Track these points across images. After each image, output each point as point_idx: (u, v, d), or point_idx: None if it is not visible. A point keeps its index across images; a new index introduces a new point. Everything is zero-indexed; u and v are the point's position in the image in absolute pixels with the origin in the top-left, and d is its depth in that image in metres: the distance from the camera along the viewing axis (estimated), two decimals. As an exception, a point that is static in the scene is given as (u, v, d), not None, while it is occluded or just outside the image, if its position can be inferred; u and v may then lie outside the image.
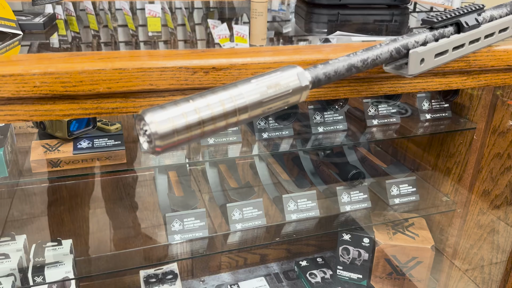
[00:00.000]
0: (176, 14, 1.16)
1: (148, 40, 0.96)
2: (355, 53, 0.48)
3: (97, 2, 1.15)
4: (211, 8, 1.28)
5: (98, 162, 0.77)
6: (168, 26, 1.05)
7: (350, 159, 1.15)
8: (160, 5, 1.08)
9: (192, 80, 0.52)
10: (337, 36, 0.86)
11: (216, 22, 1.07)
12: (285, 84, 0.41)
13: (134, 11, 1.14)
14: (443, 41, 0.53)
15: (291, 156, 1.24)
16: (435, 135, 1.10)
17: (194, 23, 1.14)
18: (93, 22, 1.01)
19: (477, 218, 1.01)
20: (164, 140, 0.35)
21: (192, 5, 1.28)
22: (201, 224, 0.93)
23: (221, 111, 0.37)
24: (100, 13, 1.09)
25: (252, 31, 0.96)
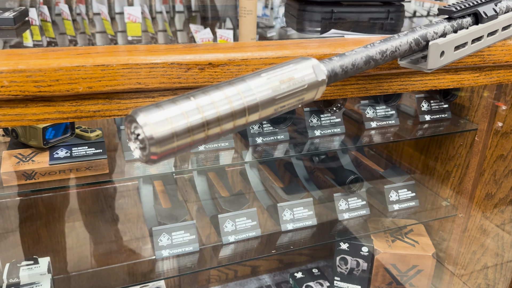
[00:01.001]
0: (156, 19, 1.10)
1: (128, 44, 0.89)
2: (372, 44, 0.42)
3: (74, 6, 1.08)
4: (193, 12, 1.22)
5: (78, 173, 0.70)
6: (148, 31, 0.99)
7: (345, 164, 1.10)
8: (140, 8, 1.01)
9: (185, 77, 0.45)
10: (332, 34, 0.81)
11: (199, 27, 1.01)
12: (300, 79, 0.35)
13: (113, 15, 1.08)
14: (462, 33, 0.49)
15: (283, 161, 1.18)
16: (433, 137, 1.06)
17: (176, 29, 1.08)
18: (69, 27, 0.94)
19: (480, 223, 0.97)
20: (161, 146, 0.28)
21: (173, 9, 1.22)
22: (191, 237, 0.86)
23: (228, 110, 0.31)
24: (77, 18, 1.03)
25: (241, 31, 0.90)
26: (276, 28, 0.99)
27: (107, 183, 1.12)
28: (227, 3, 1.30)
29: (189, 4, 1.31)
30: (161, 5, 1.23)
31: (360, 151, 1.19)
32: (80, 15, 1.05)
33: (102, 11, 1.02)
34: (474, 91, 0.95)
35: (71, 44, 0.86)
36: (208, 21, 1.13)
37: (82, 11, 1.07)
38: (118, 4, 1.17)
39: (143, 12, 1.02)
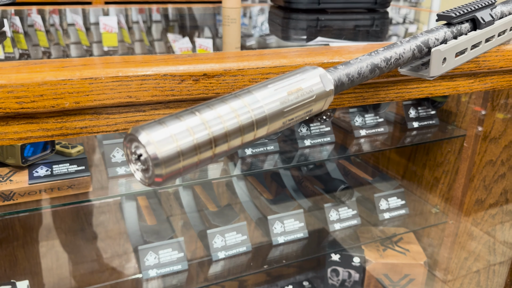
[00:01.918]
0: (133, 29, 1.07)
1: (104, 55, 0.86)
2: (376, 51, 0.41)
3: (48, 17, 1.05)
4: (171, 22, 1.20)
5: (60, 192, 0.65)
6: (125, 41, 0.96)
7: (334, 173, 1.09)
8: (116, 18, 0.98)
9: (179, 90, 0.43)
10: (319, 42, 0.79)
11: (177, 36, 0.99)
12: (308, 89, 0.33)
13: (88, 25, 1.05)
14: (462, 39, 0.47)
15: (271, 172, 1.16)
16: (420, 144, 1.06)
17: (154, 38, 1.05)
18: (43, 39, 0.91)
19: (470, 230, 0.97)
20: (166, 166, 0.25)
21: (150, 18, 1.20)
22: (180, 255, 0.83)
23: (236, 125, 0.29)
24: (50, 29, 0.99)
25: (225, 39, 0.88)
26: (260, 37, 0.98)
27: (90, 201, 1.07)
28: (205, 12, 1.28)
29: (166, 13, 1.28)
30: (137, 14, 1.20)
31: (347, 160, 1.17)
32: (53, 26, 1.01)
33: (76, 21, 0.99)
34: (461, 97, 0.95)
35: (45, 56, 0.82)
36: (186, 30, 1.11)
37: (55, 21, 1.03)
38: (93, 14, 1.13)
39: (119, 22, 0.99)
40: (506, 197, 0.87)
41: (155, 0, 1.85)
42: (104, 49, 0.91)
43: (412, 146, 1.08)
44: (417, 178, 1.08)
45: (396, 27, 0.92)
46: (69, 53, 0.87)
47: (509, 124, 0.85)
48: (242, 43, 0.88)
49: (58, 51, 0.86)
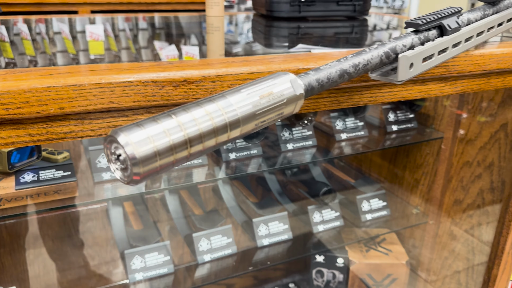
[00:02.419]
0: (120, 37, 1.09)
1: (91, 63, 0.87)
2: (345, 58, 0.43)
3: (34, 26, 1.06)
4: (157, 30, 1.22)
5: (46, 197, 0.67)
6: (111, 49, 0.97)
7: (318, 176, 1.11)
8: (103, 26, 1.00)
9: (160, 95, 0.45)
10: (300, 49, 0.82)
11: (163, 44, 1.01)
12: (279, 93, 0.35)
13: (74, 34, 1.06)
14: (429, 45, 0.50)
15: (256, 176, 1.18)
16: (400, 147, 1.09)
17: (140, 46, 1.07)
18: (29, 47, 0.92)
19: (450, 229, 1.00)
20: (144, 165, 0.27)
21: (136, 26, 1.21)
22: (166, 259, 0.84)
23: (210, 127, 0.31)
24: (37, 38, 1.00)
25: (209, 47, 0.90)
26: (243, 44, 1.00)
27: (77, 206, 1.08)
28: (191, 20, 1.30)
29: (152, 21, 1.30)
30: (124, 22, 1.21)
31: (331, 163, 1.20)
32: (40, 35, 1.02)
33: (63, 30, 1.00)
34: (438, 101, 0.98)
35: (32, 64, 0.84)
36: (172, 38, 1.13)
37: (42, 30, 1.05)
38: (80, 23, 1.15)
39: (106, 30, 1.01)
40: (482, 196, 0.91)
41: (140, 8, 1.87)
42: (90, 57, 0.93)
43: (392, 149, 1.11)
44: (399, 180, 1.11)
45: (373, 34, 0.95)
46: (55, 61, 0.88)
47: (484, 127, 0.89)
48: (226, 50, 0.90)
49: (45, 59, 0.88)
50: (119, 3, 1.79)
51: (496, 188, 0.87)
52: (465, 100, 0.91)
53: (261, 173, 1.15)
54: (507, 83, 0.69)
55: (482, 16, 0.61)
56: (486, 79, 0.67)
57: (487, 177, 0.89)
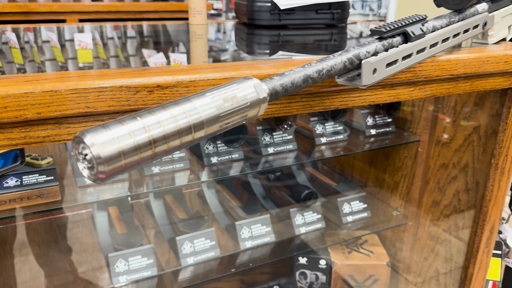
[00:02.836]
0: (108, 45, 1.11)
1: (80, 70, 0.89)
2: (310, 64, 0.46)
3: (22, 34, 1.07)
4: (145, 38, 1.24)
5: (29, 201, 0.68)
6: (100, 57, 0.99)
7: (301, 180, 1.13)
8: (91, 34, 1.02)
9: (134, 100, 0.47)
10: (280, 56, 0.85)
11: (152, 52, 1.03)
12: (242, 97, 0.38)
13: (63, 42, 1.08)
14: (393, 51, 0.53)
15: (241, 180, 1.20)
16: (380, 150, 1.11)
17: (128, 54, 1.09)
18: (17, 56, 0.93)
19: (429, 230, 1.02)
20: (108, 164, 0.29)
21: (125, 34, 1.23)
22: (149, 262, 0.85)
23: (175, 128, 0.33)
24: (25, 46, 1.01)
25: (193, 54, 0.93)
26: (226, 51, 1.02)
27: (61, 212, 1.09)
28: (179, 28, 1.32)
29: (141, 29, 1.32)
30: (112, 31, 1.23)
31: (314, 167, 1.22)
32: (28, 43, 1.04)
33: (51, 38, 1.02)
34: (415, 105, 1.01)
35: (20, 72, 0.85)
36: (160, 45, 1.15)
37: (30, 39, 1.06)
38: (68, 31, 1.16)
39: (94, 39, 1.03)
40: (458, 197, 0.93)
41: (128, 17, 1.89)
42: (79, 65, 0.94)
43: (373, 152, 1.14)
44: (379, 182, 1.14)
45: (351, 41, 0.98)
46: (44, 69, 0.90)
47: (458, 130, 0.92)
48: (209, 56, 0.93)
49: (33, 67, 0.89)
50: (107, 11, 1.81)
51: (470, 189, 0.90)
52: (440, 103, 0.94)
53: (245, 177, 1.17)
54: (475, 87, 0.72)
55: (448, 23, 0.64)
56: (455, 83, 0.70)
57: (462, 178, 0.92)
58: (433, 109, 0.96)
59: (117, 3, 1.85)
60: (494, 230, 0.88)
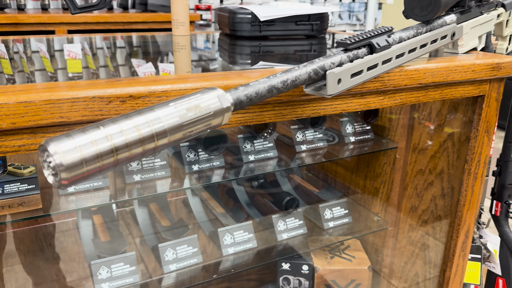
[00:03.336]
0: (97, 55, 1.12)
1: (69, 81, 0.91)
2: (275, 75, 0.48)
3: (11, 45, 1.09)
4: (134, 47, 1.26)
5: (10, 210, 0.70)
6: (89, 67, 1.01)
7: (284, 187, 1.15)
8: (80, 45, 1.03)
9: (107, 110, 0.49)
10: (261, 66, 0.87)
11: (141, 61, 1.04)
12: (206, 107, 0.40)
13: (52, 53, 1.09)
14: (358, 62, 0.55)
15: (225, 188, 1.22)
16: (361, 157, 1.14)
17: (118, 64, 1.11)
18: (7, 66, 0.95)
19: (408, 235, 1.04)
20: (71, 171, 0.31)
21: (114, 45, 1.25)
22: (131, 269, 0.87)
23: (137, 137, 0.35)
24: (14, 57, 1.03)
25: (176, 64, 0.95)
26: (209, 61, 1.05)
27: (46, 221, 1.10)
28: (167, 39, 1.34)
29: (130, 40, 1.34)
30: (102, 41, 1.25)
31: (298, 174, 1.24)
32: (18, 53, 1.05)
33: (40, 49, 1.03)
34: (393, 113, 1.04)
35: (9, 82, 0.87)
36: (150, 55, 1.17)
37: (20, 49, 1.07)
38: (58, 42, 1.18)
39: (83, 49, 1.04)
40: (435, 202, 0.96)
41: (117, 28, 1.91)
42: (69, 75, 0.96)
43: (354, 159, 1.16)
44: (361, 188, 1.16)
45: (330, 51, 1.01)
46: (33, 79, 0.91)
47: (433, 136, 0.94)
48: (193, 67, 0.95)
49: (23, 78, 0.91)
50: (96, 22, 1.84)
51: (446, 194, 0.93)
52: (415, 111, 0.97)
53: (230, 185, 1.19)
54: (445, 95, 0.75)
55: (415, 34, 0.66)
56: (424, 91, 0.72)
57: (438, 184, 0.94)
58: (409, 116, 0.98)
59: (105, 14, 1.87)
60: (469, 234, 0.90)
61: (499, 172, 1.31)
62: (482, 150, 0.84)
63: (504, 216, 1.34)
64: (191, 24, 2.05)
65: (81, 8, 0.62)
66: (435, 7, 0.67)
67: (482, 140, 0.83)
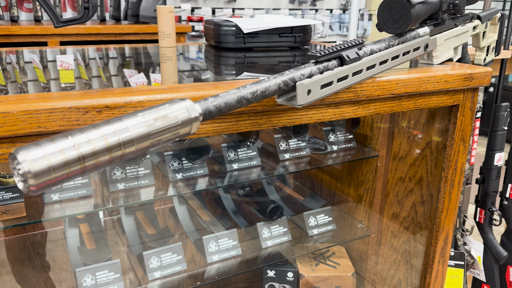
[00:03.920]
0: (90, 65, 1.14)
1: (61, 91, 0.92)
2: (244, 86, 0.50)
3: (4, 56, 1.11)
4: (127, 58, 1.28)
5: (-6, 218, 0.71)
6: (82, 77, 1.03)
7: (270, 195, 1.17)
8: (73, 55, 1.05)
9: (84, 120, 0.51)
10: (245, 77, 0.89)
11: (133, 72, 1.06)
12: (174, 117, 0.42)
13: (45, 63, 1.11)
14: (328, 73, 0.58)
15: (213, 197, 1.24)
16: (345, 166, 1.16)
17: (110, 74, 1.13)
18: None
19: (391, 242, 1.06)
20: (38, 178, 0.33)
21: (107, 56, 1.27)
22: (116, 276, 0.88)
23: (104, 146, 0.37)
24: (7, 67, 1.05)
25: (163, 75, 0.97)
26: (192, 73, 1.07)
27: (34, 229, 1.11)
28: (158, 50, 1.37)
29: (122, 51, 1.37)
30: (94, 52, 1.28)
31: (284, 182, 1.26)
32: (10, 64, 1.07)
33: (33, 59, 1.05)
34: (374, 122, 1.06)
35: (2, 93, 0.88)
36: (141, 66, 1.19)
37: (12, 60, 1.09)
38: (51, 53, 1.20)
39: (76, 59, 1.06)
40: (415, 209, 0.97)
41: (109, 39, 1.94)
42: (61, 85, 0.98)
43: (338, 167, 1.18)
44: (345, 196, 1.18)
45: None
46: (26, 90, 0.93)
47: (412, 145, 0.96)
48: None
49: (15, 88, 0.93)
50: (88, 33, 1.86)
51: (426, 201, 0.95)
52: (395, 120, 0.99)
53: (217, 193, 1.21)
54: (419, 104, 0.77)
55: (387, 46, 0.69)
56: (398, 101, 0.75)
57: (418, 191, 0.96)
58: (389, 125, 1.01)
59: (98, 26, 1.90)
60: (448, 240, 0.92)
61: (482, 179, 1.33)
62: (458, 158, 0.86)
63: (488, 223, 1.36)
64: (183, 35, 2.08)
65: (64, 21, 0.65)
66: (406, 20, 0.69)
67: (457, 148, 0.85)
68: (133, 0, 2.02)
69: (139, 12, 2.01)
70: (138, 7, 2.00)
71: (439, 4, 0.78)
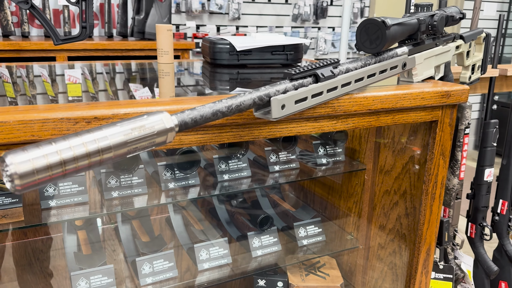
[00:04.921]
0: (97, 79, 1.20)
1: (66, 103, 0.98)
2: (220, 100, 0.55)
3: (15, 70, 1.17)
4: (133, 73, 1.34)
5: (-6, 221, 0.76)
6: (89, 91, 1.08)
7: (263, 206, 1.21)
8: (80, 70, 1.10)
9: (74, 129, 0.55)
10: (238, 92, 0.94)
11: (138, 86, 1.11)
12: (150, 127, 0.46)
13: (54, 77, 1.17)
14: (302, 90, 0.62)
15: (208, 207, 1.27)
16: (335, 178, 1.19)
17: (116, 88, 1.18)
18: (9, 90, 1.02)
19: (378, 253, 1.09)
20: (23, 179, 0.38)
21: (113, 70, 1.33)
22: (109, 281, 0.92)
23: (83, 152, 0.41)
24: (17, 81, 1.10)
25: (161, 90, 1.02)
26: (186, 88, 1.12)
27: (35, 236, 1.16)
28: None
29: (128, 66, 1.43)
30: (101, 67, 1.34)
31: (277, 194, 1.30)
32: (20, 78, 1.13)
33: (42, 73, 1.11)
34: (362, 136, 1.10)
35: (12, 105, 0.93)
36: (146, 81, 1.24)
37: (22, 73, 1.15)
38: (59, 67, 1.26)
39: (83, 73, 1.12)
40: (400, 222, 1.00)
41: (115, 55, 2.01)
42: (69, 99, 1.03)
43: (329, 180, 1.21)
44: (336, 208, 1.21)
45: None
46: (34, 102, 0.99)
47: (397, 158, 1.00)
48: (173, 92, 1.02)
49: (25, 100, 0.98)
50: (95, 49, 1.94)
51: (410, 213, 0.98)
52: (381, 135, 1.03)
53: (212, 204, 1.25)
54: (397, 120, 0.81)
55: (363, 65, 0.73)
56: (376, 117, 0.79)
57: (403, 204, 0.99)
58: (375, 140, 1.04)
59: (104, 42, 1.97)
60: (430, 252, 0.95)
61: (473, 195, 1.36)
62: (438, 172, 0.89)
63: (479, 238, 1.38)
64: (187, 52, 2.15)
65: (63, 39, 0.70)
66: (382, 40, 0.74)
67: (437, 162, 0.89)
68: (139, 18, 2.10)
69: (145, 29, 2.09)
70: (144, 24, 2.08)
71: (417, 25, 0.82)
